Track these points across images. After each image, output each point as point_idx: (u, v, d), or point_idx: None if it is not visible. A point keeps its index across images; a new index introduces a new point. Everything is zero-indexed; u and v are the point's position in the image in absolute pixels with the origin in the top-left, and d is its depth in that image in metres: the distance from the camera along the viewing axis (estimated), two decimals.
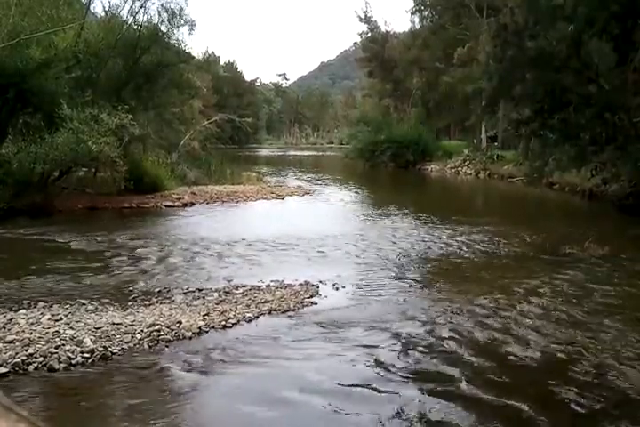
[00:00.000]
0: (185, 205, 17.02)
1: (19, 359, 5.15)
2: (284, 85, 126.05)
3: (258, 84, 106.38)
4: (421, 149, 38.13)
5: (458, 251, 11.07)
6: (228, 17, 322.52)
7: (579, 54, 15.33)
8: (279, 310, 7.00)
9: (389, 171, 37.02)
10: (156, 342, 5.81)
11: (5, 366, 5.03)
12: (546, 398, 4.87)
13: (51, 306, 6.77)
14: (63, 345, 5.48)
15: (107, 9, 20.96)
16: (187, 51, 22.14)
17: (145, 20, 19.94)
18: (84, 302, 7.01)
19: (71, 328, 5.92)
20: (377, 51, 49.86)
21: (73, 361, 5.25)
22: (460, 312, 7.06)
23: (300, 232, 12.41)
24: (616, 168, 17.50)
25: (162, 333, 5.98)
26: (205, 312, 6.69)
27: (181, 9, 19.86)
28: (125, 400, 4.79)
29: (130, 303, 7.11)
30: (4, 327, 5.89)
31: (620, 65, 15.46)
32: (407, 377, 5.23)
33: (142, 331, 5.97)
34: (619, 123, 16.00)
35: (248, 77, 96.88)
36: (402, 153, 37.63)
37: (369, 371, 5.33)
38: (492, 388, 5.02)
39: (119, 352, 5.52)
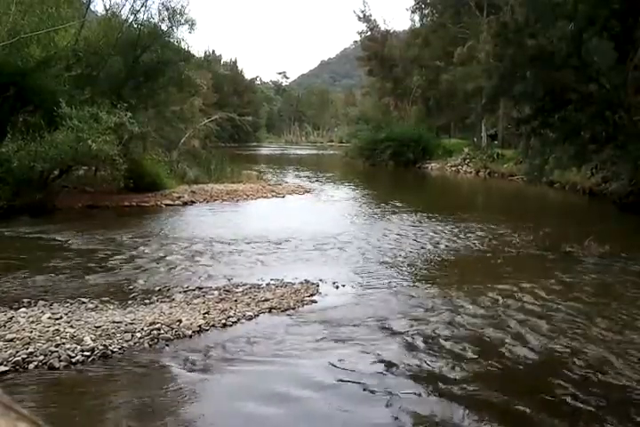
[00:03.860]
0: (185, 203, 17.01)
1: (19, 358, 5.16)
2: (284, 84, 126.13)
3: (258, 82, 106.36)
4: (421, 148, 38.06)
5: (458, 249, 11.07)
6: (228, 15, 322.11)
7: (579, 53, 15.31)
8: (279, 308, 7.01)
9: (389, 169, 37.00)
10: (156, 340, 5.82)
11: (6, 365, 5.04)
12: (545, 397, 4.87)
13: (51, 304, 6.78)
14: (63, 344, 5.49)
15: (107, 7, 20.98)
16: (187, 49, 22.15)
17: (145, 18, 19.95)
18: (84, 300, 7.02)
19: (71, 327, 5.93)
20: (377, 49, 49.72)
21: (73, 360, 5.25)
22: (460, 310, 7.06)
23: (299, 231, 12.41)
24: (616, 167, 17.50)
25: (162, 331, 5.98)
26: (205, 311, 6.69)
27: (182, 7, 19.87)
28: (125, 399, 4.80)
29: (130, 302, 7.12)
30: (5, 326, 5.90)
31: (621, 63, 15.45)
32: (407, 376, 5.24)
33: (142, 329, 5.98)
34: (619, 121, 15.99)
35: (248, 76, 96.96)
36: (402, 151, 37.57)
37: (369, 369, 5.33)
38: (491, 387, 5.02)
39: (119, 351, 5.53)
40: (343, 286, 8.24)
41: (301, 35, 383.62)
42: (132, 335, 5.83)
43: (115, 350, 5.52)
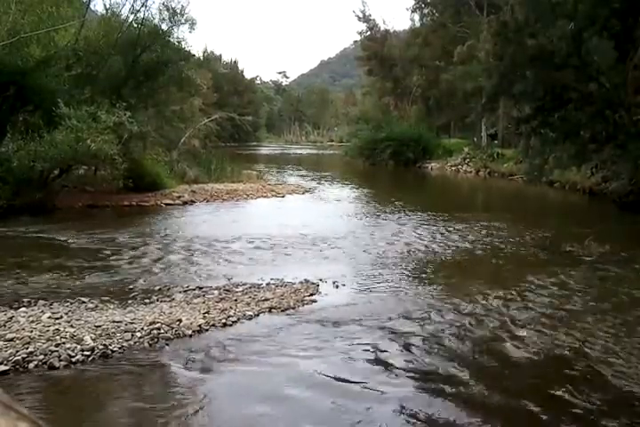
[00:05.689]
0: (185, 203, 17.01)
1: (19, 357, 5.16)
2: (284, 83, 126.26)
3: (258, 82, 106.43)
4: (421, 148, 38.06)
5: (458, 248, 11.07)
6: (228, 15, 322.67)
7: (579, 52, 15.31)
8: (279, 308, 7.01)
9: (389, 169, 36.99)
10: (156, 340, 5.82)
11: (6, 364, 5.04)
12: (545, 396, 4.87)
13: (51, 304, 6.77)
14: (63, 343, 5.48)
15: (107, 7, 20.97)
16: (187, 49, 22.15)
17: (145, 17, 19.96)
18: (84, 300, 7.01)
19: (71, 326, 5.92)
20: (376, 49, 49.68)
21: (73, 359, 5.25)
22: (460, 310, 7.06)
23: (299, 230, 12.41)
24: (616, 166, 17.51)
25: (162, 331, 5.98)
26: (205, 310, 6.69)
27: (182, 7, 19.86)
28: (125, 398, 4.80)
29: (130, 301, 7.12)
30: (5, 325, 5.89)
31: (621, 62, 15.46)
32: (407, 375, 5.24)
33: (142, 329, 5.97)
34: (619, 120, 16.00)
35: (248, 75, 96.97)
36: (402, 151, 37.57)
37: (369, 369, 5.34)
38: (490, 386, 5.02)
39: (119, 350, 5.52)
40: (343, 285, 8.24)
41: (301, 35, 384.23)
42: (132, 335, 5.82)
43: (115, 349, 5.52)
